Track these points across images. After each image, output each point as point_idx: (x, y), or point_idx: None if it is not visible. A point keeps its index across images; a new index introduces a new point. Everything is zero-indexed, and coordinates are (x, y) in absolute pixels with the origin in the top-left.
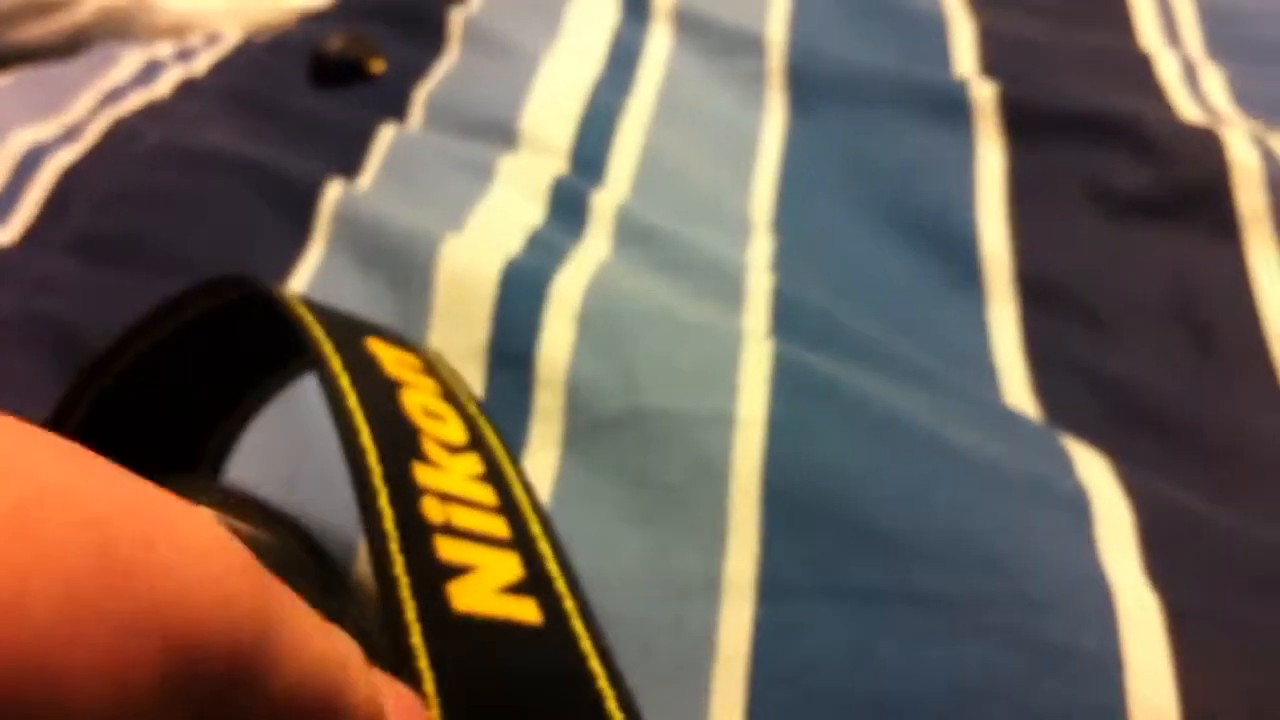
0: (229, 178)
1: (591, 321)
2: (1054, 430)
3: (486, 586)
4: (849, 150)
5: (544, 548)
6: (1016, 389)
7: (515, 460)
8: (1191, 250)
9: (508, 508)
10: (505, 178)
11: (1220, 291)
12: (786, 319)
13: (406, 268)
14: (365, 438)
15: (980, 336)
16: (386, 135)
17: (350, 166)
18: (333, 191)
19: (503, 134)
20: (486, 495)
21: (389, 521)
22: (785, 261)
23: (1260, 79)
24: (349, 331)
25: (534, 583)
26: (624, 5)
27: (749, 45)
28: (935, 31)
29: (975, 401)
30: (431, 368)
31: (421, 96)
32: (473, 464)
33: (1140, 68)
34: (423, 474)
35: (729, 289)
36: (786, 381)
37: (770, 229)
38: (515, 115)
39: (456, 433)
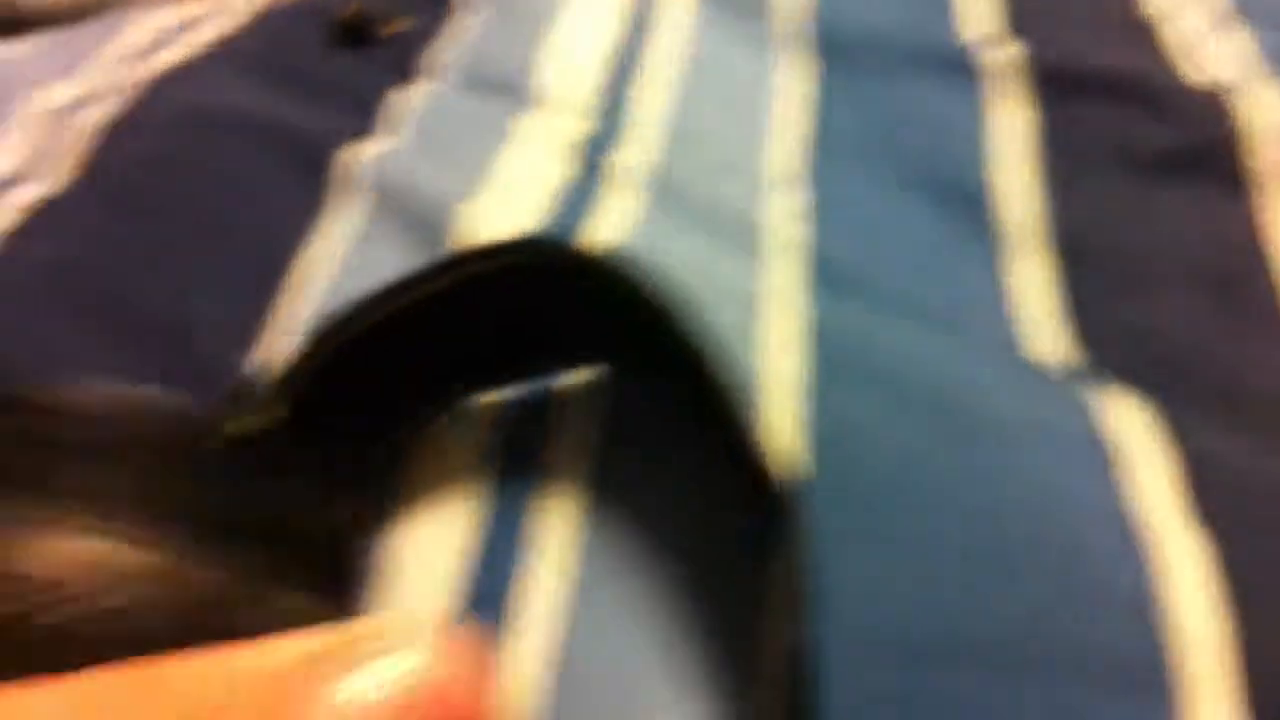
0: (250, 138)
1: None
2: (1085, 380)
3: None
4: (873, 111)
5: None
6: (1046, 342)
7: None
8: (1210, 207)
9: None
10: (526, 137)
11: (1238, 246)
12: (823, 271)
13: (429, 227)
14: None
15: (1012, 290)
16: (404, 96)
17: (367, 127)
18: (352, 152)
19: (522, 95)
20: None
21: None
22: (815, 217)
23: None
24: None
25: None
26: None
27: (772, 7)
28: None
29: (1010, 353)
30: None
31: (438, 58)
32: None
33: (1154, 29)
34: None
35: (758, 243)
36: (820, 341)
37: (796, 186)
38: (534, 76)
39: None
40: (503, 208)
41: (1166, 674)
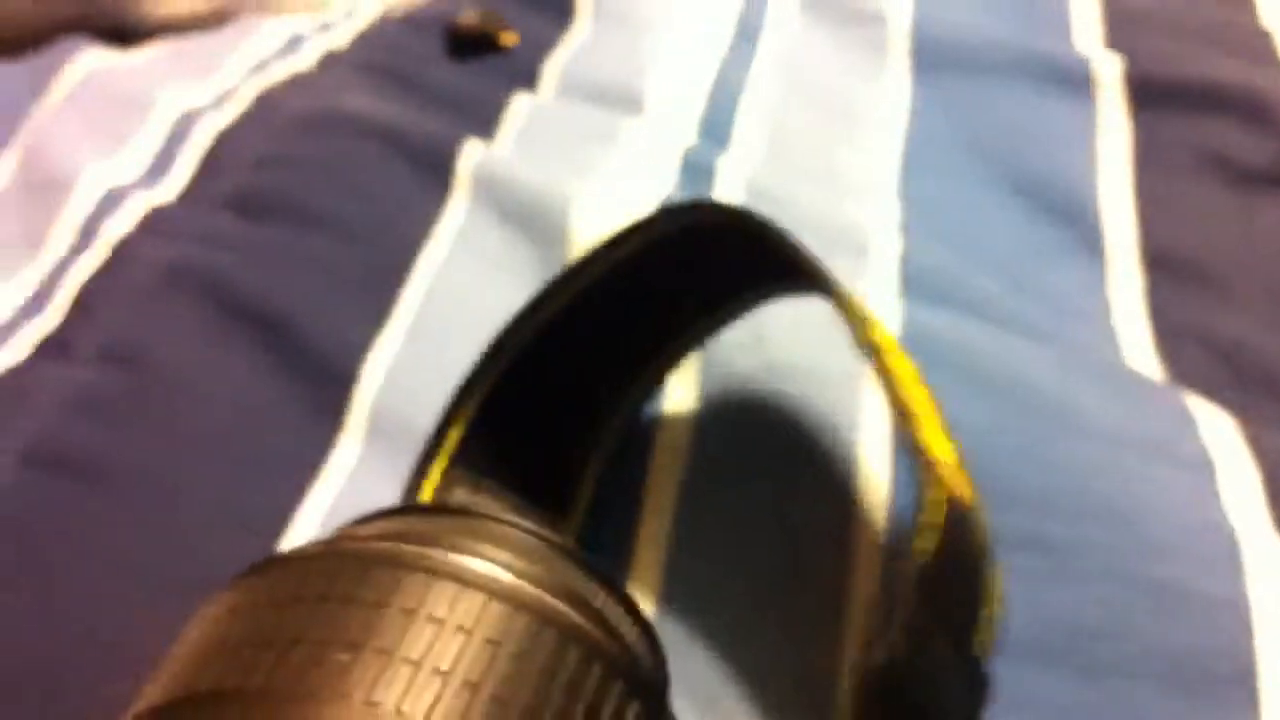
0: (371, 140)
1: None
2: (1178, 390)
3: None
4: (972, 120)
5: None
6: (1138, 351)
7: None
8: None
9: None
10: (635, 146)
11: None
12: (915, 278)
13: (542, 223)
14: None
15: (1102, 300)
16: (519, 104)
17: (485, 134)
18: (470, 153)
19: (632, 104)
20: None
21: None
22: (911, 225)
23: None
24: None
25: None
26: None
27: (873, 16)
28: (1058, 5)
29: (1099, 360)
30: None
31: (552, 68)
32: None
33: (1261, 44)
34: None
35: (858, 251)
36: (912, 342)
37: (896, 194)
38: (645, 86)
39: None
40: (607, 212)
41: (1251, 680)
